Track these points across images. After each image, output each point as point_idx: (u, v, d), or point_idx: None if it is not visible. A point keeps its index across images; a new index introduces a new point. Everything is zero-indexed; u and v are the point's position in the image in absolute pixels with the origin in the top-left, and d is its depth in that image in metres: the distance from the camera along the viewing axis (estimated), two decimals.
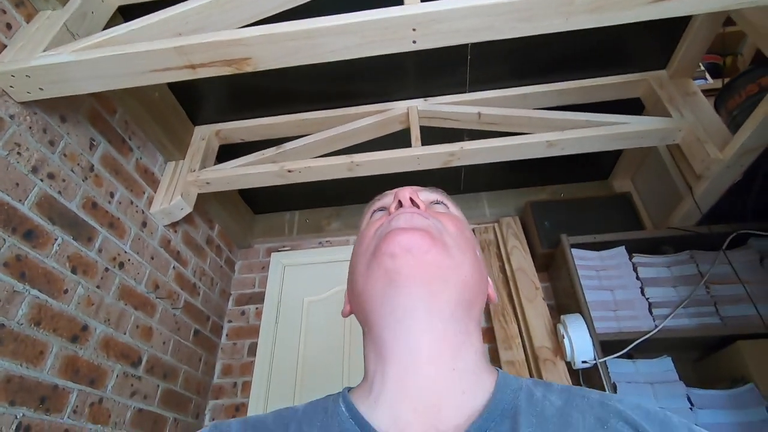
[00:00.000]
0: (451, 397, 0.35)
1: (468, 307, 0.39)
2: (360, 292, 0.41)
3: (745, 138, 1.13)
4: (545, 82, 1.49)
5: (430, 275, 0.37)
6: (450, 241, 0.41)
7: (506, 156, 1.40)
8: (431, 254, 0.38)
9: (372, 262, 0.40)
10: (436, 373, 0.36)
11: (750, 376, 1.22)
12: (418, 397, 0.35)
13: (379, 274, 0.38)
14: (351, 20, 0.84)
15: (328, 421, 0.37)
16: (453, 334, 0.37)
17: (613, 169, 1.88)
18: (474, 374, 0.37)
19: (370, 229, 0.44)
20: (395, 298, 0.37)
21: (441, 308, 0.37)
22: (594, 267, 1.49)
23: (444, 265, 0.38)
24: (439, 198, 0.49)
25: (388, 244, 0.39)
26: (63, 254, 1.07)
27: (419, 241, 0.38)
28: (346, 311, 0.47)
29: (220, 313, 1.84)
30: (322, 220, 2.06)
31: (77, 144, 1.15)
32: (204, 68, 0.92)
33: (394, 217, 0.42)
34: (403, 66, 1.46)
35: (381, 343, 0.38)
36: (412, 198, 0.45)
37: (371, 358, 0.40)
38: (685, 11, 0.82)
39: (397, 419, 0.35)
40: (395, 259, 0.38)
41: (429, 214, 0.44)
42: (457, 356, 0.37)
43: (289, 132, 1.58)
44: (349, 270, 0.45)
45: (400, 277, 0.37)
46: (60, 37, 1.00)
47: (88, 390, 1.11)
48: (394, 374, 0.37)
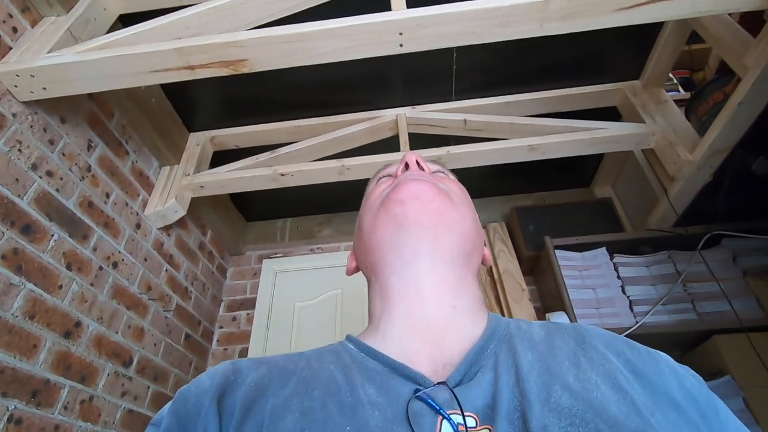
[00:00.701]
0: (454, 329, 0.39)
1: (467, 257, 0.43)
2: (368, 242, 0.44)
3: (712, 139, 1.20)
4: (527, 91, 1.57)
5: (435, 221, 0.41)
6: (454, 197, 0.45)
7: (491, 160, 1.46)
8: (436, 202, 0.42)
9: (380, 210, 0.43)
10: (439, 309, 0.39)
11: (727, 368, 1.26)
12: (425, 328, 0.38)
13: (388, 220, 0.42)
14: (341, 24, 0.90)
15: (339, 357, 0.39)
16: (452, 277, 0.41)
17: (594, 177, 1.96)
18: (471, 313, 0.41)
19: (376, 190, 0.48)
20: (403, 242, 0.41)
21: (443, 252, 0.41)
22: (577, 267, 1.54)
23: (448, 214, 0.42)
24: (440, 168, 0.54)
25: (397, 192, 0.43)
26: (59, 250, 1.09)
27: (426, 189, 0.43)
28: (351, 268, 0.50)
29: (211, 319, 1.84)
30: (313, 227, 2.09)
31: (76, 144, 1.18)
32: (203, 69, 0.97)
33: (404, 175, 0.46)
34: (392, 76, 1.53)
35: (388, 287, 0.41)
36: (418, 161, 0.49)
37: (377, 303, 0.43)
38: (647, 19, 0.89)
39: (406, 349, 0.38)
40: (404, 204, 0.41)
41: (433, 177, 0.48)
42: (457, 296, 0.41)
43: (283, 139, 1.63)
44: (357, 226, 0.49)
45: (408, 221, 0.41)
46: (63, 41, 1.05)
47: (79, 387, 1.11)
48: (401, 312, 0.40)
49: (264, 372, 0.37)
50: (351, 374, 0.36)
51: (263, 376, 0.37)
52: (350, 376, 0.36)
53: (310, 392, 0.35)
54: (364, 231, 0.45)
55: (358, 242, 0.48)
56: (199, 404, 0.35)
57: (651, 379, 0.34)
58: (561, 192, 2.04)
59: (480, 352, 0.36)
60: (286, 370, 0.38)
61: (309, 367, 0.38)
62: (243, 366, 0.38)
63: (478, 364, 0.36)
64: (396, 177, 0.49)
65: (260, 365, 0.38)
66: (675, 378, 0.35)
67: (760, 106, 1.11)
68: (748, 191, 1.36)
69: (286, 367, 0.38)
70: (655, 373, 0.35)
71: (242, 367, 0.38)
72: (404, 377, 0.35)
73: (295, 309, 1.86)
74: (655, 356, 0.37)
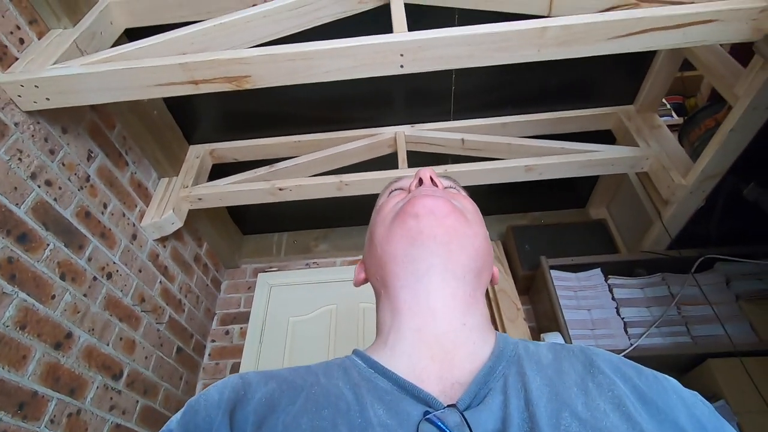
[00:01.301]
0: (463, 347, 0.38)
1: (477, 275, 0.43)
2: (380, 254, 0.44)
3: (704, 164, 1.23)
4: (524, 113, 1.60)
5: (449, 236, 0.41)
6: (468, 215, 0.45)
7: (488, 179, 1.48)
8: (451, 218, 0.42)
9: (394, 224, 0.43)
10: (449, 326, 0.39)
11: (721, 393, 1.26)
12: (435, 345, 0.38)
13: (402, 233, 0.42)
14: (345, 44, 0.92)
15: (348, 373, 0.38)
16: (463, 294, 0.41)
17: (589, 198, 1.98)
18: (480, 330, 0.40)
19: (389, 202, 0.48)
20: (417, 256, 0.41)
21: (455, 269, 0.41)
22: (572, 288, 1.55)
23: (461, 230, 0.42)
24: (451, 184, 0.54)
25: (413, 205, 0.43)
26: (53, 260, 1.09)
27: (441, 205, 0.43)
28: (360, 280, 0.50)
29: (204, 332, 1.82)
30: (310, 242, 2.09)
31: (76, 154, 1.19)
32: (206, 84, 0.98)
33: (418, 190, 0.46)
34: (392, 95, 1.56)
35: (399, 301, 0.41)
36: (432, 177, 0.50)
37: (386, 317, 0.42)
38: (640, 47, 0.92)
39: (415, 366, 0.37)
40: (419, 219, 0.42)
41: (446, 194, 0.48)
42: (467, 313, 0.40)
43: (282, 153, 1.64)
44: (368, 238, 0.49)
45: (422, 235, 0.41)
46: (69, 53, 1.06)
47: (67, 400, 1.09)
48: (411, 328, 0.40)
49: (274, 387, 0.37)
50: (360, 392, 0.36)
51: (273, 391, 0.36)
52: (360, 395, 0.35)
53: (320, 411, 0.34)
54: (377, 243, 0.45)
55: (369, 254, 0.48)
56: (209, 419, 0.34)
57: (658, 407, 0.34)
58: (557, 212, 2.06)
59: (489, 373, 0.36)
60: (295, 385, 0.37)
61: (318, 383, 0.37)
62: (252, 380, 0.38)
63: (487, 386, 0.35)
64: (409, 191, 0.49)
65: (269, 380, 0.38)
66: (684, 405, 0.35)
67: (750, 133, 1.14)
68: (740, 216, 1.38)
69: (294, 382, 0.38)
70: (662, 400, 0.35)
71: (251, 380, 0.38)
72: (414, 398, 0.35)
73: (289, 324, 1.85)
74: (663, 382, 0.37)
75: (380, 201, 0.53)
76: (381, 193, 0.56)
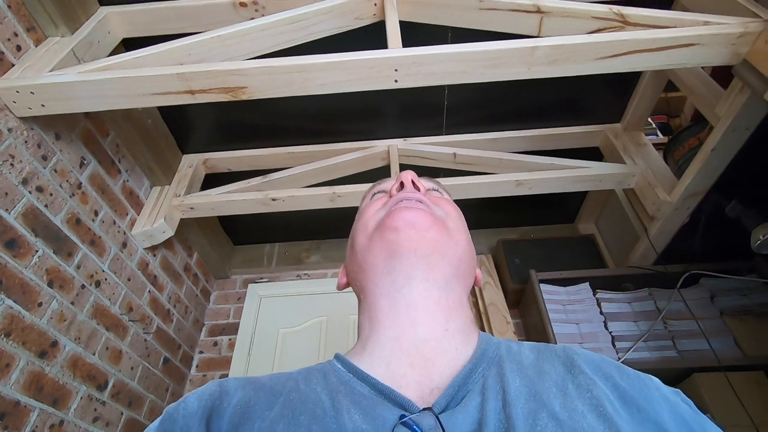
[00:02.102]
0: (444, 352, 0.38)
1: (461, 280, 0.43)
2: (360, 263, 0.44)
3: (688, 182, 1.26)
4: (515, 128, 1.64)
5: (430, 248, 0.41)
6: (451, 224, 0.45)
7: (479, 193, 1.50)
8: (432, 232, 0.42)
9: (375, 235, 0.43)
10: (430, 333, 0.39)
11: (707, 407, 1.28)
12: (414, 353, 0.38)
13: (382, 246, 0.42)
14: (340, 59, 0.94)
15: (327, 377, 0.38)
16: (446, 300, 0.41)
17: (578, 213, 2.02)
18: (463, 333, 0.40)
19: (371, 207, 0.48)
20: (396, 267, 0.41)
21: (437, 278, 0.41)
22: (561, 301, 1.56)
23: (442, 241, 0.42)
24: (434, 186, 0.54)
25: (393, 218, 0.42)
26: (42, 267, 1.08)
27: (422, 218, 0.42)
28: (342, 284, 0.50)
29: (192, 343, 1.80)
30: (301, 253, 2.09)
31: (68, 161, 1.18)
32: (203, 94, 1.00)
33: (399, 197, 0.46)
34: (385, 109, 1.59)
35: (377, 309, 0.41)
36: (413, 181, 0.49)
37: (366, 323, 0.42)
38: (626, 68, 0.96)
39: (394, 373, 0.37)
40: (398, 232, 0.41)
41: (428, 198, 0.48)
42: (450, 319, 0.40)
43: (276, 164, 1.65)
44: (350, 243, 0.49)
45: (402, 248, 0.41)
46: (66, 61, 1.07)
47: (50, 410, 1.07)
48: (389, 336, 0.39)
49: (250, 393, 0.37)
50: (338, 398, 0.36)
51: (249, 397, 0.36)
52: (336, 400, 0.36)
53: (296, 417, 0.34)
54: (357, 251, 0.45)
55: (350, 260, 0.48)
56: (186, 428, 0.34)
57: (639, 406, 0.34)
58: (546, 227, 2.09)
59: (468, 375, 0.36)
60: (273, 390, 0.37)
61: (297, 389, 0.37)
62: (230, 387, 0.38)
63: (465, 388, 0.35)
64: (390, 195, 0.49)
65: (246, 385, 0.38)
66: (666, 403, 0.35)
67: (731, 153, 1.18)
68: (723, 233, 1.42)
69: (273, 388, 0.37)
70: (644, 398, 0.35)
71: (228, 388, 0.37)
72: (391, 402, 0.35)
73: (279, 335, 1.83)
74: (645, 380, 0.37)
75: (363, 204, 0.53)
76: (364, 195, 0.55)
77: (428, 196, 0.49)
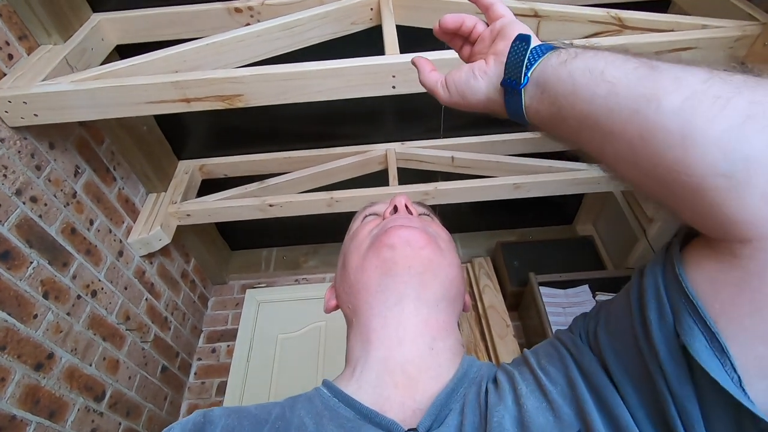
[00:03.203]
0: (428, 370, 0.39)
1: (450, 302, 0.44)
2: (353, 283, 0.44)
3: None
4: (512, 131, 1.63)
5: (424, 266, 0.42)
6: (443, 244, 0.46)
7: (477, 196, 1.49)
8: (426, 250, 0.43)
9: (369, 253, 0.44)
10: (416, 352, 0.40)
11: None
12: (399, 373, 0.38)
13: (376, 263, 0.42)
14: (338, 65, 0.94)
15: (312, 403, 0.39)
16: (435, 320, 0.41)
17: (576, 215, 2.02)
18: (450, 351, 0.41)
19: (363, 229, 0.48)
20: (389, 285, 0.41)
21: (428, 297, 0.41)
22: (560, 304, 1.56)
23: (436, 261, 0.43)
24: (426, 211, 0.55)
25: (389, 236, 0.43)
26: (37, 278, 1.06)
27: (417, 236, 0.43)
28: (331, 307, 0.50)
29: (190, 351, 1.78)
30: (299, 258, 2.08)
31: (63, 170, 1.17)
32: (198, 102, 0.98)
33: (393, 218, 0.47)
34: (383, 113, 1.58)
35: (369, 330, 0.41)
36: (407, 205, 0.50)
37: (356, 345, 0.43)
38: None
39: (379, 396, 0.38)
40: (394, 250, 0.42)
41: (420, 221, 0.48)
42: (437, 338, 0.41)
43: (273, 169, 1.64)
44: (341, 265, 0.49)
45: (397, 266, 0.41)
46: (59, 69, 1.06)
47: (46, 423, 1.06)
48: (378, 357, 0.40)
49: (234, 422, 0.37)
50: (322, 422, 0.36)
51: (233, 426, 0.36)
52: (321, 425, 0.36)
53: None
54: (350, 271, 0.45)
55: (341, 281, 0.48)
56: None
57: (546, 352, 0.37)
58: (544, 229, 2.08)
59: (450, 394, 0.37)
60: (258, 419, 0.37)
61: (282, 417, 0.37)
62: (214, 416, 0.38)
63: (448, 407, 0.36)
64: (384, 218, 0.49)
65: (231, 414, 0.38)
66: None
67: None
68: None
69: (258, 416, 0.38)
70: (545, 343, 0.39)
71: (213, 417, 0.37)
72: (375, 425, 0.35)
73: (278, 341, 1.82)
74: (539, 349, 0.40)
75: (354, 226, 0.53)
76: (354, 217, 0.56)
77: (420, 220, 0.50)
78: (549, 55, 0.34)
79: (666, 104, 0.26)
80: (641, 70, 0.28)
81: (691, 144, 0.25)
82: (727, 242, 0.25)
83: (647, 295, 0.30)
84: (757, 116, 0.23)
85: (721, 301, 0.26)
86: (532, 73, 0.34)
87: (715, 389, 0.25)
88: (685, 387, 0.27)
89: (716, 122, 0.24)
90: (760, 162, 0.23)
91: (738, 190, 0.23)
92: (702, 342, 0.26)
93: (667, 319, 0.28)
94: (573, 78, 0.31)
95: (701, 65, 0.27)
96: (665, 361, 0.27)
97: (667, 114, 0.26)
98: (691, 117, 0.25)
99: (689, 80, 0.26)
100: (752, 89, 0.24)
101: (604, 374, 0.32)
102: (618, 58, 0.30)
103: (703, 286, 0.27)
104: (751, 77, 0.25)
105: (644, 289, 0.30)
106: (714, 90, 0.25)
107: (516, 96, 0.36)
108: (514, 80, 0.35)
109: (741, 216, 0.24)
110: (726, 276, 0.26)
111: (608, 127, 0.29)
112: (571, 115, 0.32)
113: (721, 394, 0.25)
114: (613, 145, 0.30)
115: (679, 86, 0.26)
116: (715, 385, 0.25)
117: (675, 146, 0.25)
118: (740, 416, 0.25)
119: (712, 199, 0.24)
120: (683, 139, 0.25)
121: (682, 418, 0.27)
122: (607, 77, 0.29)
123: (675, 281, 0.28)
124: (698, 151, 0.24)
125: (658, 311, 0.29)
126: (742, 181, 0.23)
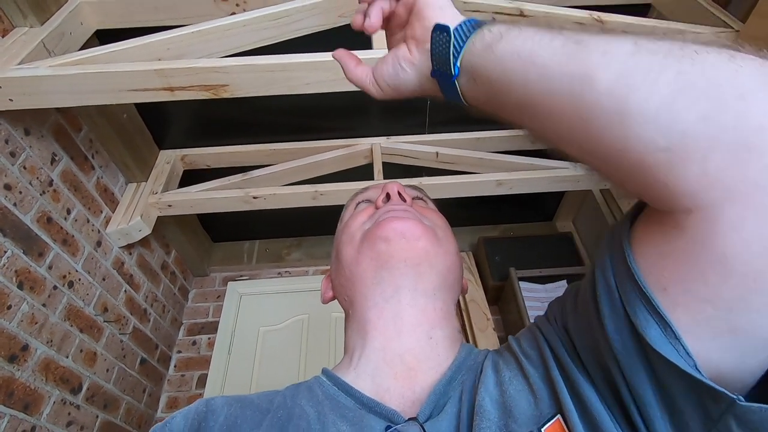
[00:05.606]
0: (427, 360, 0.39)
1: (448, 289, 0.44)
2: (349, 275, 0.44)
3: None
4: (496, 129, 1.65)
5: (420, 258, 0.41)
6: (440, 233, 0.45)
7: (461, 192, 1.51)
8: (422, 241, 0.42)
9: (363, 246, 0.43)
10: (415, 341, 0.40)
11: None
12: (398, 363, 0.39)
13: (372, 256, 0.42)
14: (325, 58, 0.93)
15: (312, 391, 0.39)
16: (432, 309, 0.41)
17: (556, 212, 2.06)
18: (448, 341, 0.41)
19: (356, 218, 0.47)
20: (386, 278, 0.41)
21: (425, 287, 0.41)
22: (539, 299, 1.60)
23: (432, 251, 0.42)
24: (418, 194, 0.54)
25: (383, 229, 0.42)
26: (11, 268, 1.03)
27: (413, 228, 0.42)
28: (327, 297, 0.50)
29: (170, 343, 1.76)
30: (282, 250, 2.07)
31: (39, 157, 1.14)
32: (182, 91, 0.97)
33: (386, 208, 0.46)
34: (369, 107, 1.58)
35: (366, 321, 0.41)
36: (400, 192, 0.49)
37: (354, 335, 0.43)
38: None
39: (378, 386, 0.38)
40: (389, 243, 0.41)
41: (415, 207, 0.48)
42: (435, 327, 0.41)
43: (257, 161, 1.63)
44: (335, 256, 0.48)
45: (393, 259, 0.41)
46: (36, 53, 1.02)
47: (21, 416, 1.03)
48: (376, 347, 0.40)
49: (236, 410, 0.37)
50: (323, 411, 0.36)
51: (236, 415, 0.36)
52: (322, 413, 0.36)
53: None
54: (344, 263, 0.45)
55: (336, 273, 0.47)
56: None
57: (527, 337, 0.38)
58: (525, 225, 2.13)
59: (449, 383, 0.37)
60: (260, 408, 0.37)
61: (284, 406, 0.37)
62: (216, 405, 0.37)
63: (446, 396, 0.36)
64: (377, 206, 0.48)
65: (233, 403, 0.38)
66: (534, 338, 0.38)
67: None
68: None
69: (260, 405, 0.38)
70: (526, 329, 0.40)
71: (215, 406, 0.37)
72: (376, 414, 0.36)
73: (260, 334, 1.82)
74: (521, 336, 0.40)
75: (346, 214, 0.52)
76: (346, 204, 0.54)
77: (414, 205, 0.49)
78: (473, 38, 0.32)
79: (598, 84, 0.26)
80: (569, 47, 0.28)
81: (628, 123, 0.25)
82: (672, 213, 0.26)
83: (599, 287, 0.30)
84: (686, 89, 0.24)
85: (669, 270, 0.26)
86: (461, 62, 0.33)
87: (674, 373, 0.26)
88: (639, 374, 0.28)
89: (650, 100, 0.24)
90: (696, 135, 0.23)
91: (678, 164, 0.24)
92: (657, 331, 0.26)
93: (618, 312, 0.29)
94: (503, 64, 0.31)
95: (626, 35, 0.27)
96: (618, 350, 0.28)
97: (601, 93, 0.26)
98: (626, 95, 0.25)
99: (617, 54, 0.26)
100: (678, 59, 0.24)
101: (575, 357, 0.33)
102: (544, 37, 0.29)
103: (651, 259, 0.28)
104: (675, 44, 0.25)
105: (596, 279, 0.31)
106: (643, 64, 0.25)
107: (451, 86, 0.35)
108: (445, 72, 0.34)
109: (682, 188, 0.24)
110: (672, 246, 0.26)
111: (546, 109, 0.29)
112: (507, 100, 0.32)
113: (681, 378, 0.26)
114: (554, 126, 0.30)
115: (609, 62, 0.26)
116: (674, 369, 0.26)
117: (613, 125, 0.25)
118: (702, 398, 0.25)
119: (654, 174, 0.25)
120: (620, 118, 0.25)
121: (637, 402, 0.28)
122: (536, 61, 0.29)
123: (623, 264, 0.29)
124: (636, 129, 0.25)
125: (609, 304, 0.29)
126: (681, 155, 0.24)
